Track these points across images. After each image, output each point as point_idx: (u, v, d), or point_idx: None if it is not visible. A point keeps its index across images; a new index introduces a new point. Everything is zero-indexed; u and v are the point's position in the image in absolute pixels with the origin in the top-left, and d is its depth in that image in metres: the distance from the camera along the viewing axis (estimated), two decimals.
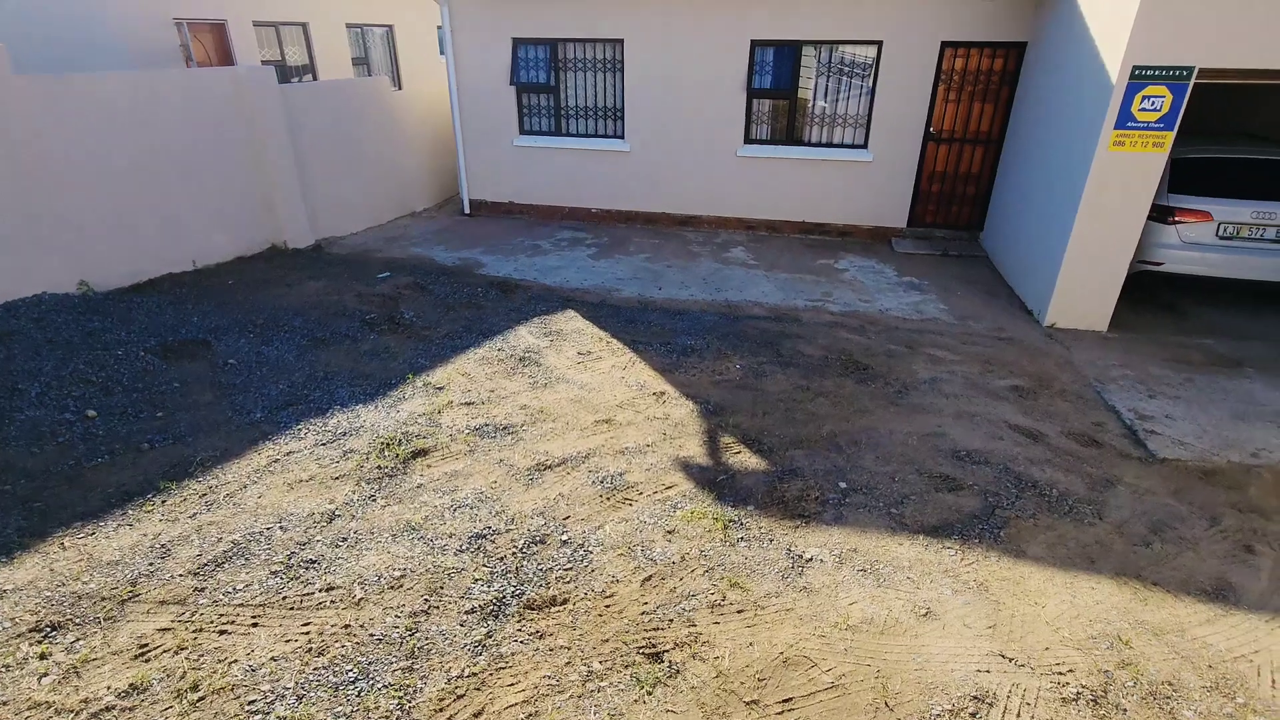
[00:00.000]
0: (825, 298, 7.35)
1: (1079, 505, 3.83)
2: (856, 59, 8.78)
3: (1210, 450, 4.56)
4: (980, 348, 6.13)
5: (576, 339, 5.95)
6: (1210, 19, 5.28)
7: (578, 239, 9.41)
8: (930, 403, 5.06)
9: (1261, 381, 5.53)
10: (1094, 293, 6.40)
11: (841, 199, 9.42)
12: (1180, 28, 5.36)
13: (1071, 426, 4.80)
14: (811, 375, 5.44)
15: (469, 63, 9.79)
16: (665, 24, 8.99)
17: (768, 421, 4.66)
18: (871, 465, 4.17)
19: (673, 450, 4.24)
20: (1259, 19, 5.20)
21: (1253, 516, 3.81)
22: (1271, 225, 6.35)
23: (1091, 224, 6.11)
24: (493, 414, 4.59)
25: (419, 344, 5.73)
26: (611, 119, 9.83)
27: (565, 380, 5.15)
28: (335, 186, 9.00)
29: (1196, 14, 5.29)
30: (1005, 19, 8.08)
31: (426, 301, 6.77)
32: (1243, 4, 5.18)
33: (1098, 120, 5.86)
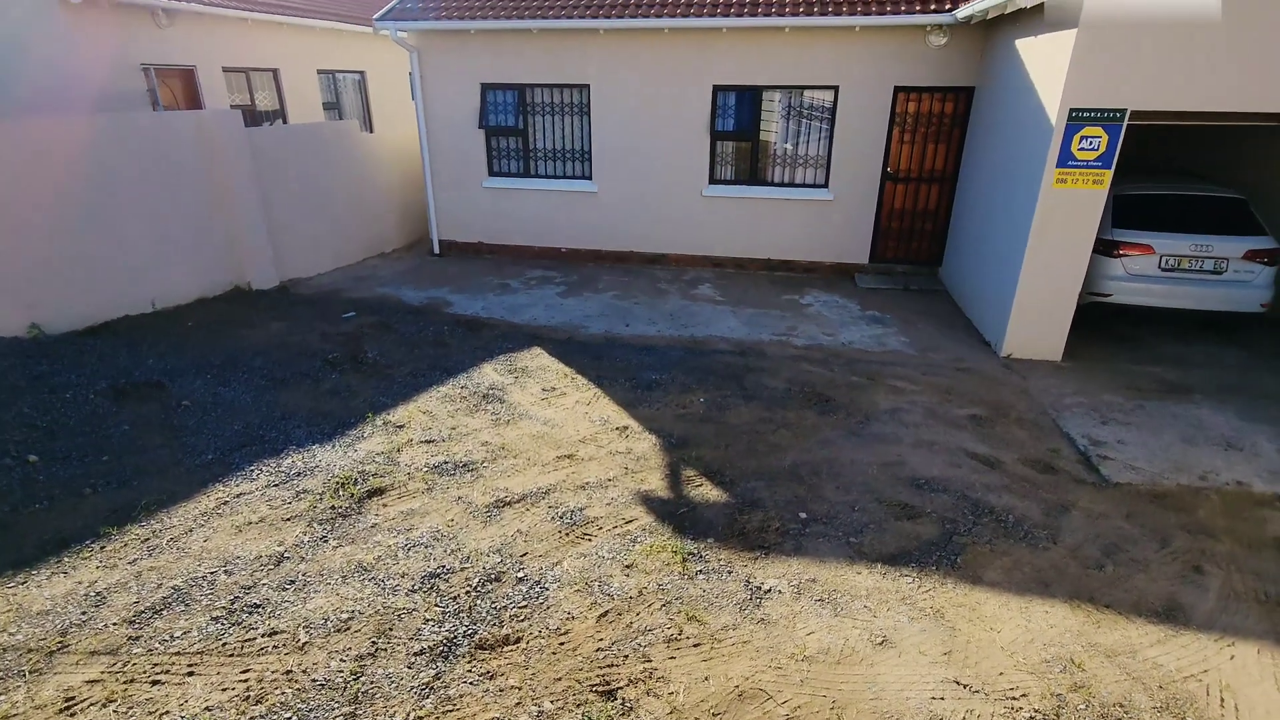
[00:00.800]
0: (790, 332, 7.45)
1: (1034, 530, 3.87)
2: (816, 102, 9.11)
3: (1161, 474, 4.66)
4: (940, 378, 6.24)
5: (541, 375, 5.95)
6: (1137, 67, 5.60)
7: (547, 278, 9.47)
8: (891, 432, 5.12)
9: (1208, 406, 5.69)
10: (1047, 324, 6.58)
11: (805, 237, 9.64)
12: (1110, 75, 5.67)
13: (1028, 453, 4.89)
14: (775, 407, 5.48)
15: (438, 107, 9.96)
16: (630, 70, 9.27)
17: (730, 454, 4.67)
18: (832, 495, 4.19)
19: (634, 484, 4.22)
20: (1180, 67, 5.53)
21: (1202, 538, 3.88)
22: (1208, 257, 6.62)
23: (1040, 258, 6.33)
24: (453, 451, 4.54)
25: (381, 382, 5.68)
26: (579, 160, 10.03)
27: (528, 416, 5.12)
28: (303, 228, 9.00)
29: (1124, 62, 5.61)
30: (953, 65, 8.48)
31: (391, 340, 6.73)
32: (1165, 54, 5.51)
33: (1041, 159, 6.12)
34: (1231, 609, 3.28)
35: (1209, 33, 5.41)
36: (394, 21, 9.32)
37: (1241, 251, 6.57)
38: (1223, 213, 6.84)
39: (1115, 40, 5.56)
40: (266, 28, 10.79)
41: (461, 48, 9.59)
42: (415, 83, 9.86)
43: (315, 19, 11.52)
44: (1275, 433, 5.21)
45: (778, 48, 8.79)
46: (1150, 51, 5.54)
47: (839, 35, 8.56)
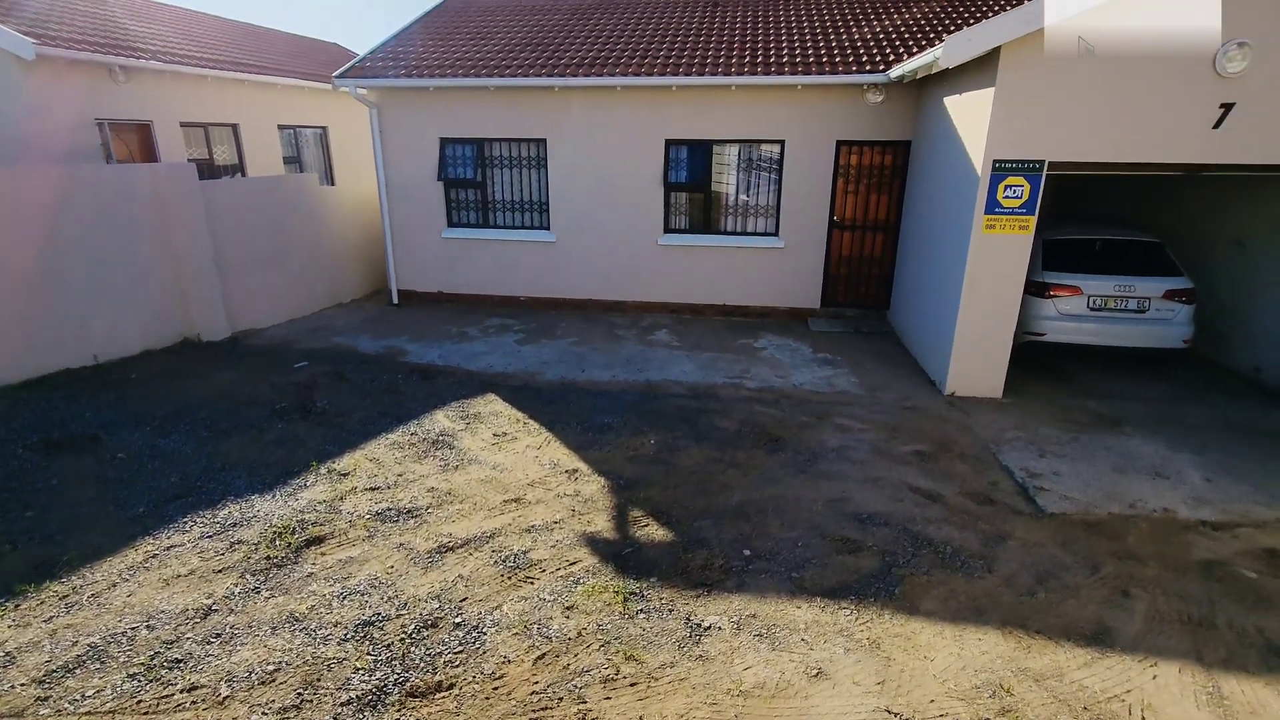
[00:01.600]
0: (743, 375, 7.59)
1: (971, 560, 3.96)
2: (764, 155, 9.52)
3: (1093, 503, 4.82)
4: (887, 416, 6.40)
5: (494, 421, 5.94)
6: (1050, 122, 6.02)
7: (505, 326, 9.53)
8: (837, 469, 5.21)
9: (1139, 438, 5.92)
10: (986, 362, 6.83)
11: (758, 283, 9.92)
12: (1027, 130, 6.08)
13: (968, 487, 5.01)
14: (725, 448, 5.55)
15: (397, 160, 10.14)
16: (585, 124, 9.60)
17: (679, 494, 4.70)
18: (777, 532, 4.23)
19: (580, 526, 4.21)
20: (1087, 123, 5.97)
21: (1130, 563, 4.01)
22: (1131, 297, 7.00)
23: (975, 299, 6.62)
24: (397, 498, 4.48)
25: (329, 431, 5.61)
26: (537, 211, 10.24)
27: (478, 462, 5.09)
28: (257, 279, 8.96)
29: (1038, 120, 6.03)
30: (890, 121, 8.98)
31: (343, 389, 6.68)
32: (1073, 111, 5.95)
33: (971, 207, 6.47)
34: (1156, 630, 3.38)
35: (1110, 92, 5.87)
36: (354, 79, 9.55)
37: (1161, 291, 6.96)
38: (1142, 255, 7.27)
39: (1029, 98, 5.99)
40: (226, 84, 10.93)
41: (420, 104, 9.84)
42: (375, 137, 10.04)
43: (276, 76, 11.72)
44: (1200, 461, 5.44)
45: (726, 104, 9.22)
46: (1061, 108, 5.98)
47: (783, 93, 9.03)
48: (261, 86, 11.63)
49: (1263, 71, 5.64)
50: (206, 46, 11.60)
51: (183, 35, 11.63)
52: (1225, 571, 3.95)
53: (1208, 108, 5.82)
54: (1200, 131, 5.89)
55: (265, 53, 13.33)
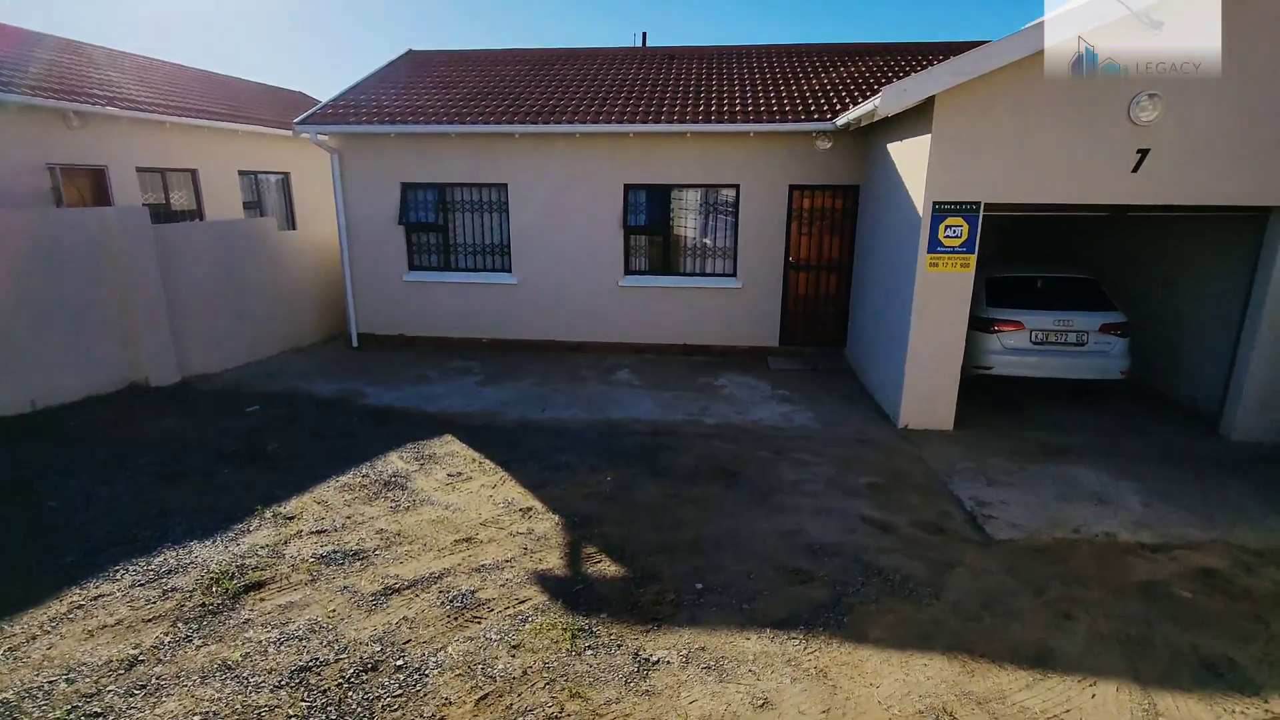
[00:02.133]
0: (703, 412, 7.65)
1: (920, 588, 4.00)
2: (721, 198, 9.80)
3: (1039, 529, 4.93)
4: (842, 450, 6.50)
5: (449, 461, 5.87)
6: (985, 167, 6.36)
7: (467, 368, 9.48)
8: (792, 502, 5.25)
9: (1083, 466, 6.10)
10: (936, 395, 7.01)
11: (718, 322, 10.09)
12: (963, 173, 6.41)
13: (919, 516, 5.09)
14: (682, 484, 5.56)
15: (358, 205, 10.19)
16: (546, 169, 9.80)
17: (634, 530, 4.68)
18: (730, 565, 4.23)
19: (532, 564, 4.16)
20: (1017, 167, 6.32)
21: (1073, 586, 4.09)
22: (1071, 331, 7.30)
23: (923, 334, 6.83)
24: (344, 540, 4.38)
25: (278, 475, 5.48)
26: (499, 254, 10.33)
27: (430, 502, 5.01)
28: (211, 323, 8.82)
29: (974, 163, 6.37)
30: (840, 166, 9.36)
31: (295, 433, 6.54)
32: (1005, 157, 6.30)
33: (915, 247, 6.73)
34: (1096, 651, 3.44)
35: (1039, 138, 6.24)
36: (315, 125, 9.64)
37: (1098, 325, 7.28)
38: (1079, 292, 7.61)
39: (964, 143, 6.33)
40: (185, 130, 10.94)
41: (382, 150, 9.95)
42: (336, 182, 10.10)
43: (237, 123, 11.77)
44: (1140, 487, 5.62)
45: (682, 150, 9.52)
46: (994, 153, 6.33)
47: (737, 140, 9.37)
48: (222, 133, 11.66)
49: (1172, 120, 6.06)
50: (166, 93, 11.63)
51: (142, 82, 11.66)
52: (1163, 592, 4.06)
53: (1126, 153, 6.21)
54: (1121, 175, 6.27)
55: (227, 100, 13.41)
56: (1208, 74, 5.94)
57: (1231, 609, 3.88)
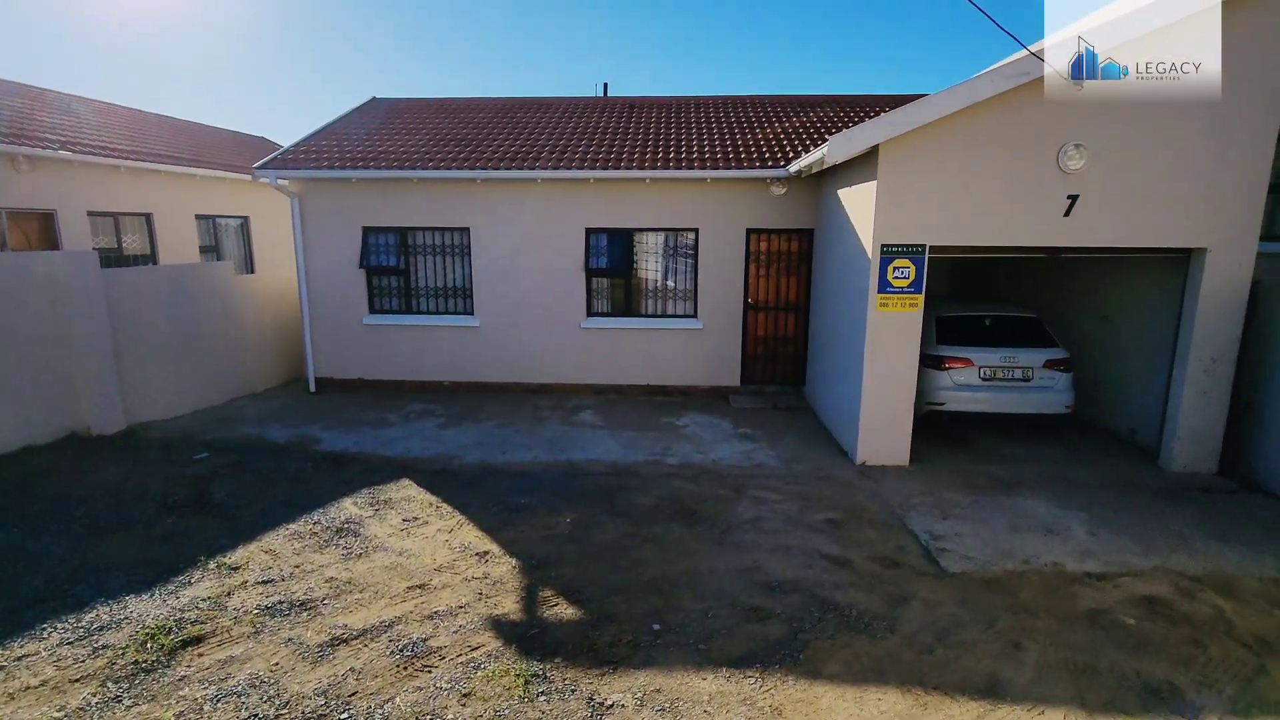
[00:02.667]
0: (664, 451, 7.66)
1: (875, 622, 4.03)
2: (681, 242, 10.02)
3: (991, 561, 5.03)
4: (801, 487, 6.56)
5: (405, 506, 5.76)
6: (929, 212, 6.66)
7: (427, 411, 9.37)
8: (751, 540, 5.27)
9: (1031, 497, 6.27)
10: (891, 431, 7.17)
11: (680, 362, 10.19)
12: (907, 218, 6.70)
13: (876, 551, 5.15)
14: (642, 524, 5.54)
15: (318, 249, 10.14)
16: (508, 214, 9.93)
17: (591, 571, 4.63)
18: (688, 604, 4.21)
19: (487, 610, 4.08)
20: (960, 212, 6.64)
21: (1023, 616, 4.17)
22: (1017, 367, 7.58)
23: (876, 371, 7.02)
24: (291, 590, 4.24)
25: (224, 524, 5.30)
26: (461, 297, 10.34)
27: (383, 549, 4.90)
28: (162, 369, 8.59)
29: (918, 208, 6.67)
30: (793, 211, 9.68)
31: (245, 480, 6.36)
32: (947, 202, 6.63)
33: (866, 287, 6.97)
34: (1045, 679, 3.50)
35: (979, 184, 6.59)
36: (275, 170, 9.64)
37: (1042, 361, 7.57)
38: (1023, 329, 7.92)
39: (908, 189, 6.64)
40: (141, 175, 10.83)
41: (343, 194, 9.98)
42: (295, 226, 10.05)
43: (195, 168, 11.70)
44: (1086, 517, 5.79)
45: (642, 195, 9.76)
46: (937, 198, 6.64)
47: (695, 185, 9.65)
48: (179, 177, 11.56)
49: (1098, 169, 6.47)
50: (123, 137, 11.53)
51: (100, 126, 11.55)
52: (1108, 620, 4.16)
53: (1058, 198, 6.58)
54: (1054, 219, 6.63)
55: (186, 144, 13.34)
56: (1127, 129, 6.38)
57: (1172, 634, 4.00)
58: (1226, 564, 4.92)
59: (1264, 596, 4.45)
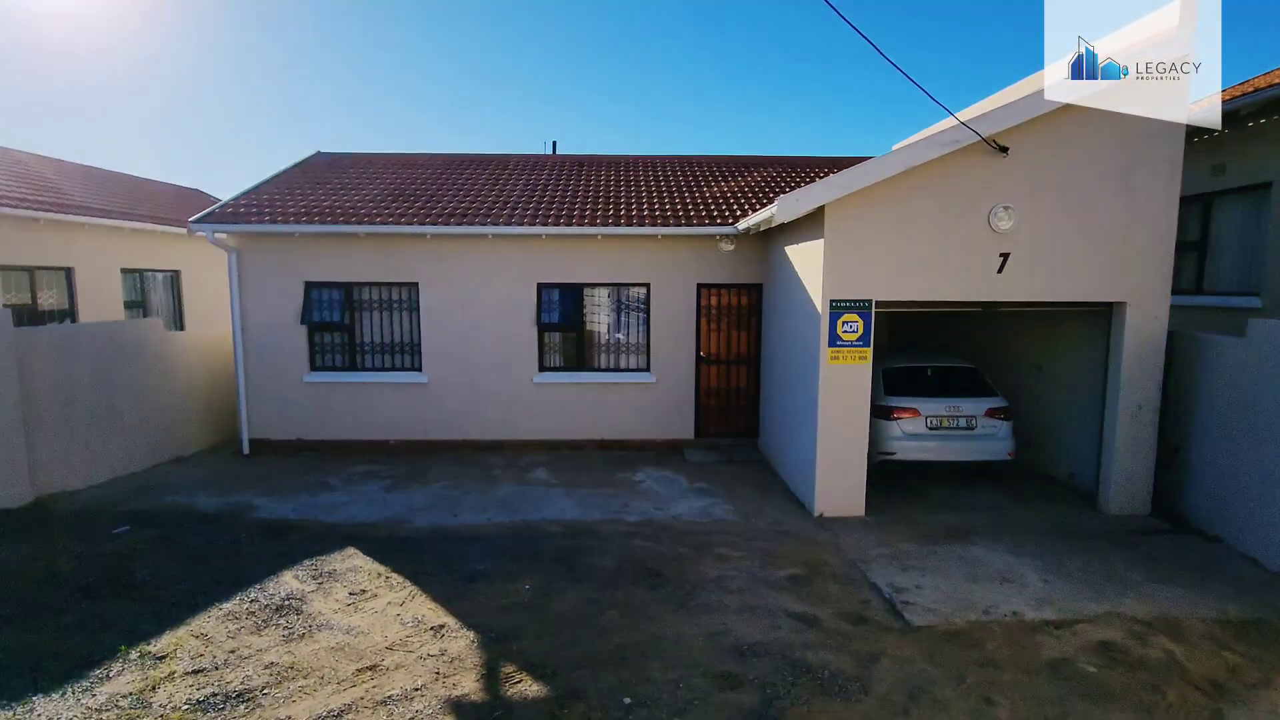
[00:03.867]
0: (623, 509, 7.52)
1: (848, 684, 3.96)
2: (633, 296, 10.10)
3: (953, 612, 5.05)
4: (762, 543, 6.51)
5: (351, 578, 5.41)
6: (874, 268, 6.93)
7: (372, 472, 8.97)
8: (716, 601, 5.16)
9: (984, 546, 6.39)
10: (846, 482, 7.25)
11: (634, 417, 10.14)
12: (855, 274, 6.95)
13: (842, 607, 5.11)
14: (604, 588, 5.36)
15: (257, 305, 9.76)
16: (459, 269, 9.82)
17: (554, 643, 4.42)
18: (658, 674, 4.05)
19: (445, 691, 3.81)
20: (902, 268, 6.93)
21: (990, 669, 4.18)
22: (961, 416, 7.83)
23: (830, 423, 7.13)
24: (226, 680, 3.87)
25: (148, 607, 4.84)
26: (408, 353, 10.08)
27: (329, 627, 4.56)
28: (78, 434, 7.97)
29: (864, 265, 6.93)
30: (742, 266, 9.93)
31: (171, 556, 5.87)
32: (891, 259, 6.92)
33: (817, 341, 7.13)
34: None
35: (919, 242, 6.91)
36: (213, 225, 9.31)
37: (984, 410, 7.85)
38: (963, 379, 8.24)
39: (854, 247, 6.90)
40: (61, 227, 10.26)
41: (284, 248, 9.70)
42: (232, 282, 9.68)
43: (123, 220, 11.20)
44: (1037, 564, 5.92)
45: (595, 251, 9.84)
46: (881, 256, 6.92)
47: (647, 241, 9.80)
48: (104, 229, 11.02)
49: (1025, 228, 6.90)
50: (40, 188, 10.96)
51: (15, 177, 10.96)
52: (1070, 670, 4.21)
53: (991, 256, 6.96)
54: (989, 275, 7.00)
55: (113, 196, 12.79)
56: (1048, 192, 6.86)
57: (1131, 681, 4.07)
58: (1171, 607, 5.10)
59: (1209, 638, 4.61)
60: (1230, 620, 4.87)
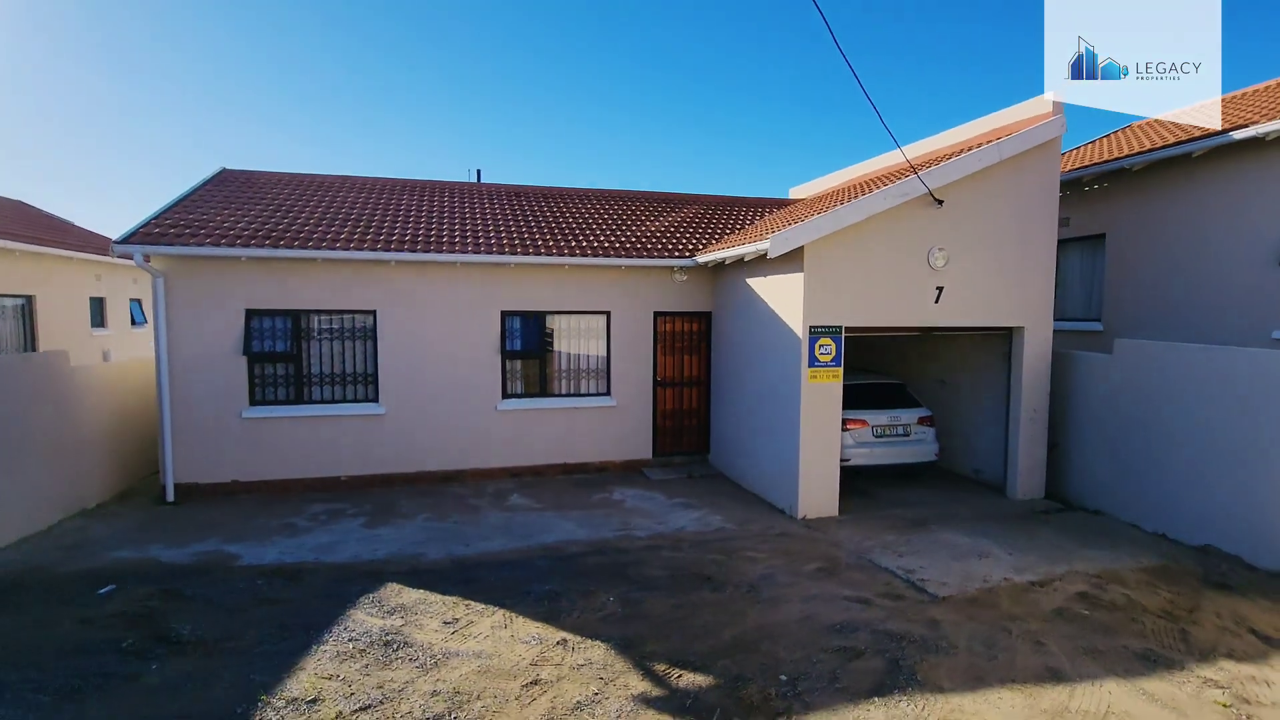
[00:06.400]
0: (626, 527, 7.88)
1: (936, 642, 4.79)
2: (594, 324, 10.50)
3: (961, 584, 6.12)
4: (773, 544, 7.25)
5: (428, 609, 5.32)
6: (842, 298, 8.07)
7: (336, 510, 8.46)
8: (778, 594, 5.79)
9: (946, 531, 7.63)
10: (824, 487, 8.25)
11: (596, 439, 10.49)
12: (828, 303, 8.04)
13: (877, 589, 5.98)
14: (675, 593, 5.77)
15: (186, 335, 8.83)
16: (421, 297, 9.63)
17: (677, 643, 4.78)
18: (787, 655, 4.60)
19: (623, 692, 4.06)
20: (865, 299, 8.16)
21: (1018, 621, 5.23)
22: (899, 425, 9.21)
23: (810, 434, 8.10)
24: (404, 711, 3.80)
25: (235, 659, 4.45)
26: (363, 383, 9.64)
27: (455, 654, 4.54)
28: None
29: (835, 296, 8.05)
30: (693, 296, 10.77)
31: (198, 610, 5.32)
32: (856, 291, 8.11)
33: (797, 362, 8.10)
34: (1078, 663, 4.51)
35: (876, 277, 8.17)
36: (141, 245, 8.34)
37: (916, 419, 9.29)
38: (894, 394, 9.66)
39: (827, 280, 8.00)
40: None
41: (222, 273, 8.92)
42: (158, 310, 8.69)
43: None
44: (994, 542, 7.23)
45: (559, 279, 10.15)
46: (848, 288, 8.09)
47: (609, 272, 10.31)
48: None
49: (954, 266, 8.43)
50: None
51: None
52: (1072, 614, 5.39)
53: (930, 289, 8.41)
54: (928, 305, 8.43)
55: None
56: (968, 236, 8.47)
57: (1115, 618, 5.32)
58: (1104, 564, 6.57)
59: (1143, 583, 6.07)
60: (1146, 568, 6.42)
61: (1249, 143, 8.16)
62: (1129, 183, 9.91)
